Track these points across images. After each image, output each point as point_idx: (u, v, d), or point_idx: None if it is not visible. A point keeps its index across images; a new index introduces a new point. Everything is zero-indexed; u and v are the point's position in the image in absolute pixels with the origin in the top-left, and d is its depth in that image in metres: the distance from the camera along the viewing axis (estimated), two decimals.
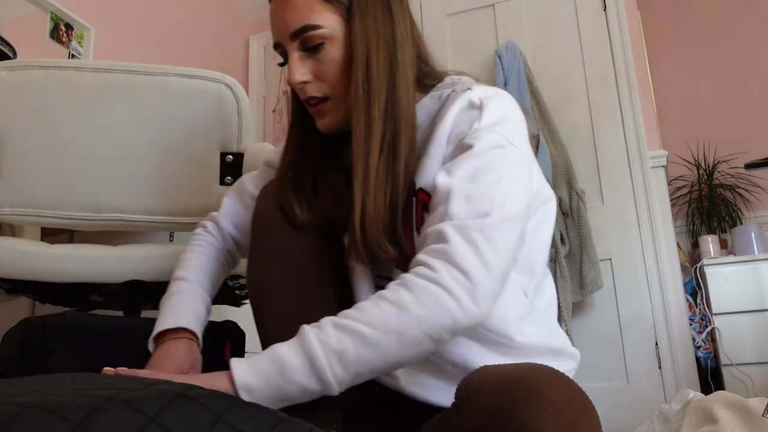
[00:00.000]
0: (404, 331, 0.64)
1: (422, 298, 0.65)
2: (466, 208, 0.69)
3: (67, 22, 2.27)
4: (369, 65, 0.78)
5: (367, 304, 0.67)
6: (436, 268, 0.66)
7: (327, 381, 0.64)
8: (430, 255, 0.68)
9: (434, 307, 0.65)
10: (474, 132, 0.74)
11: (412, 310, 0.65)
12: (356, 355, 0.64)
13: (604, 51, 2.64)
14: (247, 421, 0.48)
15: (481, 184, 0.71)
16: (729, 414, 1.08)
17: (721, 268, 2.61)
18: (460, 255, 0.66)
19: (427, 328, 0.65)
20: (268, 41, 3.60)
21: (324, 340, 0.64)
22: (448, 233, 0.68)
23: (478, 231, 0.68)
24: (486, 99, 0.77)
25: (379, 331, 0.64)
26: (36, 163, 1.16)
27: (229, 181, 1.19)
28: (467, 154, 0.73)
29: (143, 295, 1.19)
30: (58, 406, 0.43)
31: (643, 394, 2.32)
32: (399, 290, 0.66)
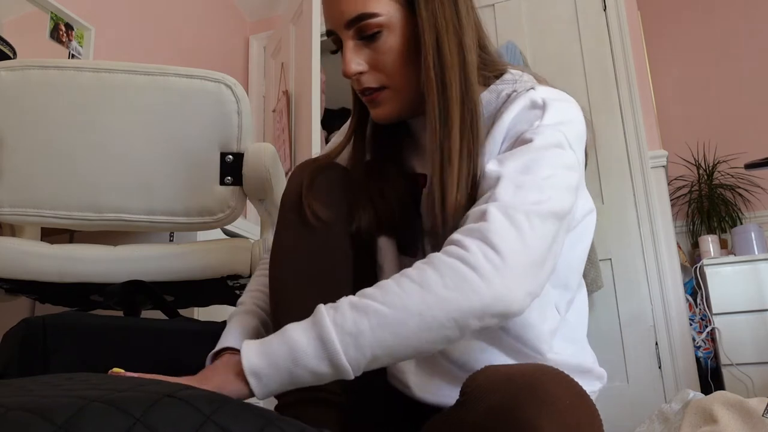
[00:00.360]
0: (426, 312, 0.60)
1: (448, 278, 0.61)
2: (515, 194, 0.66)
3: (67, 22, 2.27)
4: (440, 48, 0.74)
5: (389, 282, 0.63)
6: (468, 246, 0.62)
7: (341, 365, 0.60)
8: (464, 233, 0.64)
9: (461, 288, 0.60)
10: (535, 128, 0.72)
11: (437, 290, 0.60)
12: (373, 338, 0.60)
13: (604, 51, 2.64)
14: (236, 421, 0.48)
15: (533, 176, 0.68)
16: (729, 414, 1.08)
17: (721, 268, 2.61)
18: (497, 233, 0.62)
19: (451, 309, 0.60)
20: (268, 41, 3.59)
21: (339, 321, 0.60)
22: (490, 212, 0.64)
23: (524, 213, 0.64)
24: (550, 100, 0.74)
25: (399, 312, 0.60)
26: (36, 163, 1.16)
27: (229, 181, 1.19)
28: (525, 147, 0.70)
29: (143, 295, 1.19)
30: (43, 407, 0.43)
31: (643, 394, 2.32)
32: (424, 269, 0.62)
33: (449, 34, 0.75)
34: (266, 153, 1.20)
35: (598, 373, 0.84)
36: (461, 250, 0.62)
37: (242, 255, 1.22)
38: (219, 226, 1.25)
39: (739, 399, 1.10)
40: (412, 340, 0.60)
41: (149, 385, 0.51)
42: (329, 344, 0.60)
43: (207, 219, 1.21)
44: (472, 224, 0.65)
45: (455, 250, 0.63)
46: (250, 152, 1.20)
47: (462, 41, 0.76)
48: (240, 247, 1.24)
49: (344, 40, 0.77)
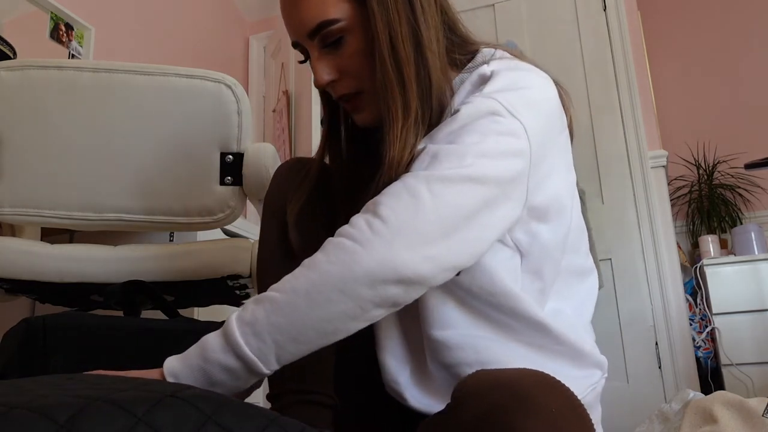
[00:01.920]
0: (312, 289, 0.60)
1: (330, 254, 0.61)
2: (428, 165, 0.64)
3: (67, 22, 2.27)
4: (394, 42, 0.71)
5: (289, 275, 0.63)
6: (354, 222, 0.62)
7: (246, 356, 0.60)
8: (362, 213, 0.63)
9: (341, 259, 0.60)
10: (467, 100, 0.69)
11: (321, 266, 0.61)
12: (268, 324, 0.60)
13: (604, 51, 2.64)
14: (237, 421, 0.48)
15: (455, 145, 0.65)
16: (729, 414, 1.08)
17: (721, 268, 2.61)
18: (386, 204, 0.62)
19: (335, 281, 0.60)
20: (268, 41, 3.59)
21: (240, 315, 0.62)
22: (390, 186, 0.64)
23: (425, 181, 0.62)
24: (498, 70, 0.71)
25: (289, 295, 0.60)
26: (36, 163, 1.16)
27: (229, 181, 1.19)
28: (450, 119, 0.68)
29: (143, 295, 1.19)
30: (45, 406, 0.43)
31: (643, 394, 2.32)
32: (315, 254, 0.63)
33: (402, 27, 0.71)
34: (266, 153, 1.20)
35: (596, 359, 0.80)
36: (348, 227, 0.62)
37: (242, 255, 1.22)
38: (219, 226, 1.25)
39: (739, 399, 1.10)
40: (307, 319, 0.60)
41: (151, 384, 0.51)
42: (231, 336, 0.60)
43: (207, 219, 1.21)
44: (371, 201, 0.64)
45: (344, 229, 0.63)
46: (250, 152, 1.20)
47: (417, 30, 0.72)
48: (240, 247, 1.24)
49: (310, 50, 0.76)
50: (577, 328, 0.80)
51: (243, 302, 1.46)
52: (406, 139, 0.70)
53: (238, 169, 1.19)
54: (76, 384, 0.50)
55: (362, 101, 0.77)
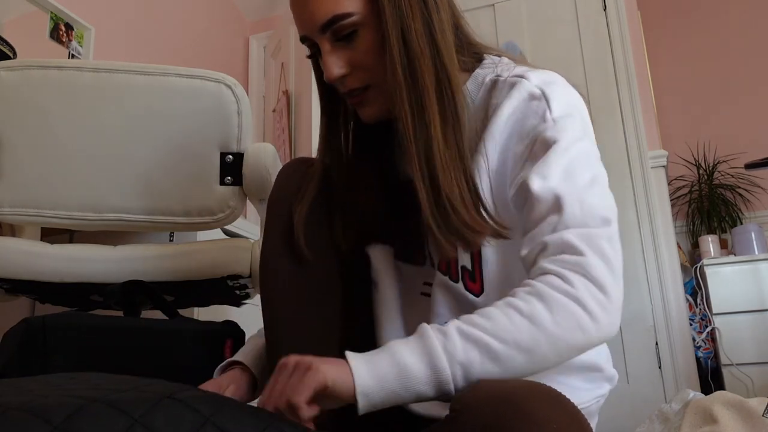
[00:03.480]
0: (535, 349, 0.59)
1: (558, 315, 0.60)
2: (582, 213, 0.65)
3: (67, 22, 2.27)
4: (406, 37, 0.70)
5: (496, 312, 0.61)
6: (573, 282, 0.61)
7: (447, 391, 0.59)
8: (561, 266, 0.62)
9: (570, 326, 0.60)
10: (551, 124, 0.69)
11: (547, 326, 0.59)
12: (481, 370, 0.59)
13: (604, 51, 2.64)
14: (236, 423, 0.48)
15: (580, 184, 0.67)
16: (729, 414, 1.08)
17: (721, 268, 2.61)
18: (595, 268, 0.61)
19: (559, 347, 0.60)
20: (268, 41, 3.59)
21: (450, 349, 0.59)
22: (576, 243, 0.63)
23: (606, 240, 0.64)
24: (545, 86, 0.72)
25: (509, 347, 0.59)
26: (36, 163, 1.16)
27: (229, 181, 1.19)
28: (554, 151, 0.68)
29: (143, 295, 1.19)
30: (41, 407, 0.42)
31: (643, 394, 2.32)
32: (533, 302, 0.60)
33: (416, 21, 0.71)
34: (266, 153, 1.20)
35: (609, 373, 0.80)
36: (567, 285, 0.61)
37: (242, 255, 1.22)
38: (219, 226, 1.25)
39: (739, 399, 1.10)
40: (517, 373, 0.60)
41: (149, 385, 0.51)
42: (440, 373, 0.58)
43: (207, 219, 1.21)
44: (565, 256, 0.63)
45: (560, 284, 0.61)
46: (250, 152, 1.20)
47: (431, 24, 0.72)
48: (240, 247, 1.24)
49: (321, 44, 0.75)
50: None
51: (243, 302, 1.46)
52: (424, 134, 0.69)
53: (238, 169, 1.19)
54: (77, 384, 0.50)
55: (370, 96, 0.76)
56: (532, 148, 0.70)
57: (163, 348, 1.05)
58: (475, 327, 0.60)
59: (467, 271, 0.74)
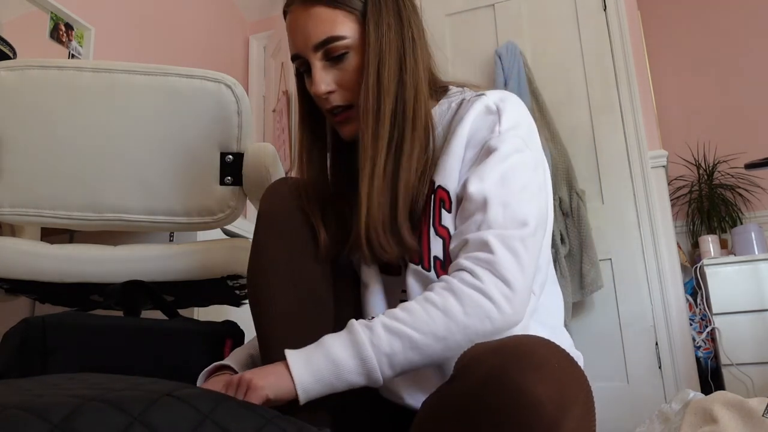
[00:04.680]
0: (449, 337, 0.69)
1: (468, 307, 0.70)
2: (504, 216, 0.74)
3: (67, 22, 2.27)
4: (380, 71, 0.79)
5: (415, 306, 0.70)
6: (481, 277, 0.71)
7: (375, 379, 0.69)
8: (474, 262, 0.72)
9: (478, 316, 0.70)
10: (497, 136, 0.78)
11: (459, 318, 0.69)
12: (404, 358, 0.69)
13: (604, 51, 2.64)
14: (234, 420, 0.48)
15: (511, 190, 0.75)
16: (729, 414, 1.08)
17: (721, 268, 2.61)
18: (503, 265, 0.71)
19: (469, 334, 0.69)
20: (268, 41, 3.59)
21: (376, 342, 0.68)
22: (491, 243, 0.72)
23: (519, 241, 0.73)
24: (500, 103, 0.80)
25: (427, 337, 0.69)
26: (36, 163, 1.16)
27: (229, 181, 1.19)
28: (494, 158, 0.76)
29: (143, 295, 1.19)
30: (40, 406, 0.42)
31: (643, 394, 2.32)
32: (446, 296, 0.70)
33: (391, 58, 0.80)
34: (266, 153, 1.20)
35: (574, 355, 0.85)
36: (476, 280, 0.71)
37: (242, 255, 1.22)
38: (219, 226, 1.25)
39: (739, 399, 1.10)
40: (435, 358, 0.70)
41: (148, 384, 0.51)
42: (368, 362, 0.68)
43: (207, 219, 1.21)
44: (479, 253, 0.72)
45: (470, 279, 0.71)
46: (250, 152, 1.20)
47: (403, 65, 0.80)
48: (240, 247, 1.24)
49: (312, 61, 0.81)
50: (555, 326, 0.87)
51: (243, 302, 1.46)
52: (375, 158, 0.78)
53: (238, 169, 1.19)
54: (75, 383, 0.50)
55: (351, 115, 0.83)
56: (479, 154, 0.79)
57: (163, 348, 1.05)
58: (398, 321, 0.70)
59: (439, 260, 0.79)
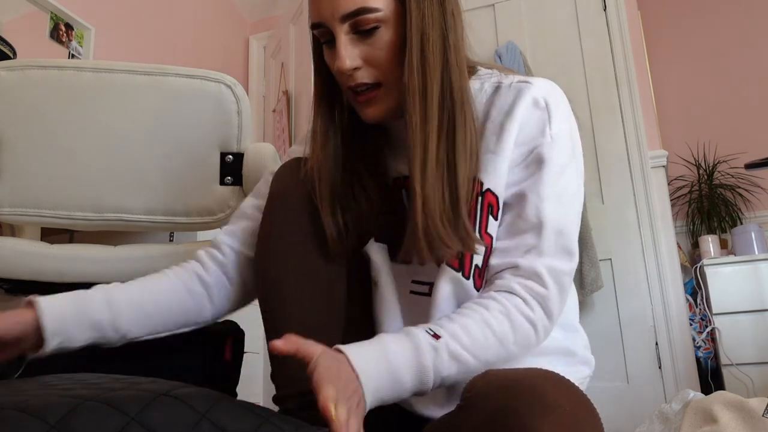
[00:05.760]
0: (496, 363, 0.69)
1: (519, 337, 0.70)
2: (556, 245, 0.73)
3: (67, 22, 2.27)
4: (423, 47, 0.73)
5: (476, 330, 0.69)
6: (534, 309, 0.71)
7: (422, 393, 0.67)
8: (528, 292, 0.72)
9: (524, 346, 0.71)
10: (549, 142, 0.75)
11: (510, 347, 0.70)
12: (454, 380, 0.68)
13: (604, 51, 2.64)
14: (231, 419, 0.48)
15: (565, 214, 0.75)
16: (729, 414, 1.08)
17: (721, 268, 2.61)
18: (553, 301, 0.72)
19: (512, 358, 0.71)
20: (268, 41, 3.59)
21: (438, 367, 0.66)
22: (544, 276, 0.72)
23: (568, 276, 0.74)
24: (549, 98, 0.77)
25: (480, 363, 0.68)
26: (36, 163, 1.16)
27: (229, 181, 1.19)
28: (549, 171, 0.75)
29: None
30: (37, 406, 0.42)
31: (643, 394, 2.32)
32: (503, 323, 0.70)
33: (435, 33, 0.73)
34: (266, 153, 1.20)
35: (585, 358, 0.85)
36: (530, 311, 0.71)
37: None
38: (219, 226, 1.25)
39: (739, 399, 1.10)
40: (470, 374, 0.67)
41: (145, 383, 0.51)
42: (425, 385, 0.66)
43: (207, 219, 1.21)
44: (533, 284, 0.72)
45: (525, 309, 0.71)
46: (250, 152, 1.20)
47: (446, 42, 0.74)
48: None
49: (337, 33, 0.74)
50: (567, 329, 0.85)
51: None
52: (427, 143, 0.72)
53: (238, 169, 1.19)
54: (72, 384, 0.50)
55: (380, 94, 0.76)
56: (528, 157, 0.76)
57: (162, 348, 1.05)
58: (461, 346, 0.67)
59: (478, 269, 0.76)
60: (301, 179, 0.81)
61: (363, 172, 0.83)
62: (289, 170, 0.84)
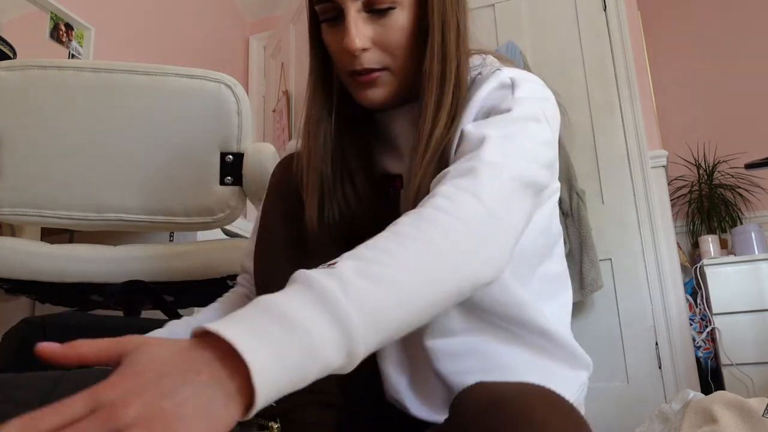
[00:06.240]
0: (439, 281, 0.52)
1: (451, 238, 0.54)
2: (502, 156, 0.62)
3: (67, 22, 2.27)
4: (444, 33, 0.70)
5: (384, 241, 0.52)
6: (460, 201, 0.57)
7: (355, 355, 0.45)
8: (453, 186, 0.59)
9: (464, 251, 0.54)
10: (510, 100, 0.68)
11: (446, 252, 0.53)
12: (392, 318, 0.47)
13: (604, 51, 2.64)
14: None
15: (515, 144, 0.64)
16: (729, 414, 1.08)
17: (721, 268, 2.61)
18: (486, 190, 0.58)
19: (459, 276, 0.53)
20: (269, 41, 3.59)
21: (354, 296, 0.45)
22: (479, 169, 0.60)
23: (510, 176, 0.61)
24: (518, 79, 0.71)
25: (414, 279, 0.50)
26: (36, 163, 1.16)
27: (229, 181, 1.19)
28: (503, 116, 0.67)
29: (143, 295, 1.19)
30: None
31: (643, 394, 2.32)
32: (420, 226, 0.54)
33: (453, 19, 0.71)
34: (266, 153, 1.20)
35: (585, 361, 0.80)
36: (453, 205, 0.56)
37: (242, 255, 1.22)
38: (219, 226, 1.25)
39: (739, 399, 1.10)
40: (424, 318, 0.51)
41: None
42: (351, 332, 0.44)
43: (207, 219, 1.21)
44: (460, 179, 0.59)
45: (447, 204, 0.56)
46: (250, 152, 1.20)
47: (460, 28, 0.72)
48: (240, 247, 1.24)
49: (348, 9, 0.69)
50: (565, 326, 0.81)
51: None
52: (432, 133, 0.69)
53: (238, 169, 1.19)
54: None
55: (382, 78, 0.72)
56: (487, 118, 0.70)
57: None
58: (372, 262, 0.49)
59: None
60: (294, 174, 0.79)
61: (354, 168, 0.80)
62: (284, 167, 0.83)
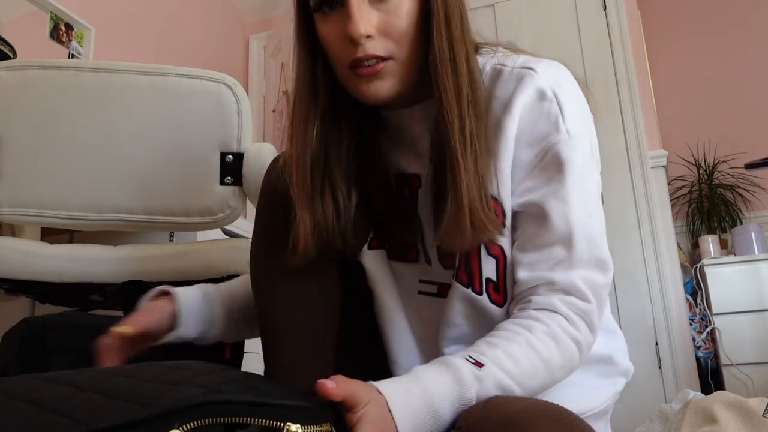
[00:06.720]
0: (540, 390, 0.65)
1: (564, 360, 0.66)
2: (589, 256, 0.69)
3: (67, 22, 2.27)
4: (449, 20, 0.68)
5: (521, 355, 0.63)
6: (579, 327, 0.67)
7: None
8: (570, 308, 0.67)
9: (570, 366, 0.67)
10: (566, 139, 0.69)
11: (556, 372, 0.66)
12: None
13: (604, 51, 2.64)
14: None
15: (593, 221, 0.72)
16: (729, 414, 1.08)
17: (721, 268, 2.61)
18: (595, 315, 0.68)
19: (555, 381, 0.67)
20: (269, 41, 3.59)
21: (482, 397, 0.60)
22: (584, 290, 0.68)
23: (605, 289, 0.70)
24: (557, 87, 0.70)
25: (524, 392, 0.63)
26: (36, 163, 1.16)
27: (229, 181, 1.19)
28: (570, 174, 0.70)
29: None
30: None
31: (643, 394, 2.32)
32: (549, 345, 0.65)
33: (454, 8, 0.69)
34: (266, 153, 1.20)
35: (623, 367, 0.81)
36: (575, 330, 0.67)
37: (242, 255, 1.22)
38: (219, 226, 1.25)
39: (739, 399, 1.10)
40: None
41: None
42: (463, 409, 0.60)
43: (207, 219, 1.21)
44: (575, 300, 0.67)
45: (569, 328, 0.66)
46: (250, 152, 1.20)
47: (463, 15, 0.70)
48: (240, 247, 1.24)
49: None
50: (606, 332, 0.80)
51: None
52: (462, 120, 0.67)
53: (238, 169, 1.19)
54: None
55: (387, 70, 0.69)
56: (543, 158, 0.70)
57: (162, 349, 1.05)
58: (507, 374, 0.61)
59: (492, 282, 0.71)
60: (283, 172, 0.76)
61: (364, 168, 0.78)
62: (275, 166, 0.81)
